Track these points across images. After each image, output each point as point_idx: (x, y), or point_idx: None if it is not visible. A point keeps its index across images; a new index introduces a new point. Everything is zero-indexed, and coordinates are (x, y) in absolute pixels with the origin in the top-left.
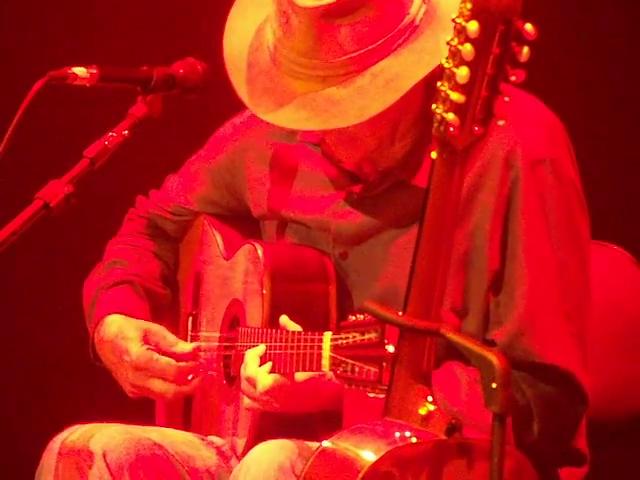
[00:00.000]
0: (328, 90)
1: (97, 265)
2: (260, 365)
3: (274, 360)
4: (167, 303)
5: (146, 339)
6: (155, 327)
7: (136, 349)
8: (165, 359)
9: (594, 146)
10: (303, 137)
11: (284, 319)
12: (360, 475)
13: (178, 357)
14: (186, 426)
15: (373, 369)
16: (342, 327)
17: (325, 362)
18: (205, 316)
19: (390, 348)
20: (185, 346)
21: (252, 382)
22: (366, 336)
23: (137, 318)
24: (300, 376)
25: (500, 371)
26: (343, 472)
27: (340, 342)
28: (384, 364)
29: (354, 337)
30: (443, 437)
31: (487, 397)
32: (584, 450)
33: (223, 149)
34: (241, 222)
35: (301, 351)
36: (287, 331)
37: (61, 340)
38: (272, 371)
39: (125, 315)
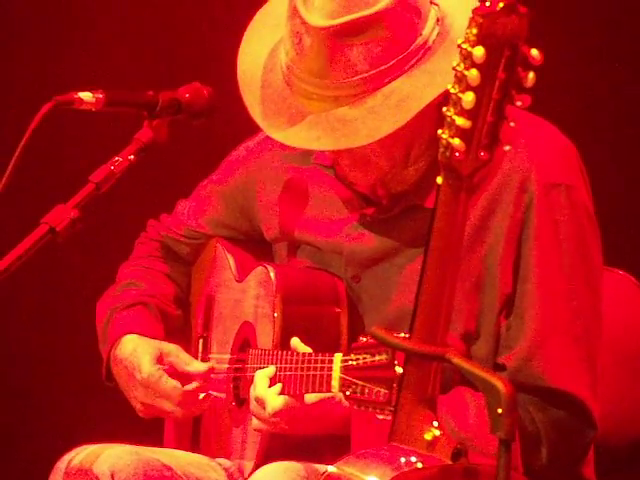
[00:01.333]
0: (340, 110)
1: (110, 287)
2: (270, 386)
3: (284, 382)
4: (180, 325)
5: (160, 359)
6: (170, 347)
7: (148, 368)
8: (172, 383)
9: (597, 169)
10: (317, 160)
11: (295, 341)
12: None
13: (192, 376)
14: (195, 447)
15: (383, 390)
16: (352, 348)
17: (335, 383)
18: (216, 338)
19: (400, 370)
20: (199, 366)
21: (261, 403)
22: (377, 357)
23: (152, 338)
24: (310, 398)
25: (506, 397)
26: None
27: (350, 363)
28: (394, 385)
29: (364, 358)
30: (449, 462)
31: (493, 423)
32: (591, 479)
33: (236, 172)
34: (254, 245)
35: (311, 372)
36: (297, 353)
37: (70, 361)
38: (282, 392)
39: (141, 335)
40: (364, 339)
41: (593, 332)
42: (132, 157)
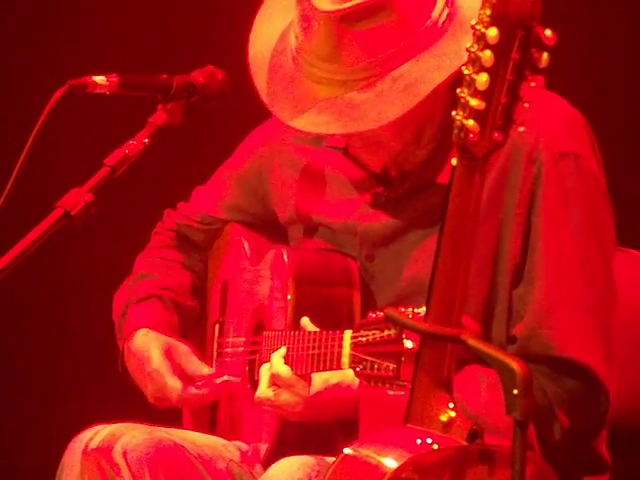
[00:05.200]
0: (349, 94)
1: (126, 279)
2: None
3: (296, 361)
4: (196, 315)
5: (168, 354)
6: (180, 346)
7: (157, 362)
8: (172, 382)
9: (609, 148)
10: (329, 142)
11: (304, 320)
12: None
13: (198, 380)
14: (212, 430)
15: (392, 365)
16: (362, 325)
17: (345, 360)
18: (232, 323)
19: (408, 344)
20: (206, 370)
21: (276, 378)
22: (385, 332)
23: (165, 333)
24: (316, 385)
25: (521, 377)
26: (365, 479)
27: (360, 340)
28: (402, 359)
29: (374, 334)
30: (464, 443)
31: (508, 404)
32: (605, 456)
33: (250, 156)
34: (269, 229)
35: (322, 350)
36: (308, 332)
37: (91, 343)
38: (294, 372)
39: (154, 330)
40: (373, 315)
41: (605, 302)
42: (147, 140)
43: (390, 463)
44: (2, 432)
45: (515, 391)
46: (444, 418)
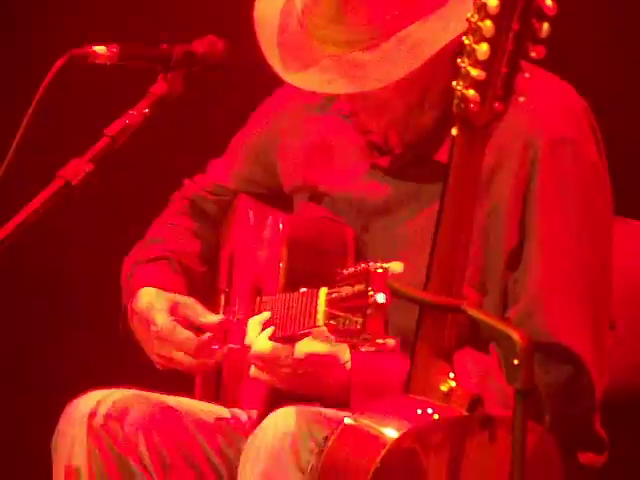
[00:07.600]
0: (353, 54)
1: (138, 243)
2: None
3: (278, 324)
4: (205, 281)
5: (174, 311)
6: (184, 299)
7: (162, 320)
8: (186, 333)
9: (616, 122)
10: (335, 108)
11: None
12: (383, 452)
13: (205, 328)
14: (217, 398)
15: (360, 319)
16: (336, 281)
17: (320, 317)
18: (237, 292)
19: (374, 297)
20: (213, 317)
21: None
22: (356, 288)
23: (171, 292)
24: (300, 349)
25: (522, 347)
26: (366, 449)
27: (334, 296)
28: (368, 312)
29: (346, 290)
30: (465, 413)
31: (509, 374)
32: (601, 434)
33: (259, 125)
34: (277, 200)
35: (300, 310)
36: (292, 293)
37: (90, 305)
38: (276, 334)
39: (159, 289)
40: (345, 271)
41: (598, 290)
42: (147, 110)
43: (391, 433)
44: None
45: (516, 361)
46: (445, 388)
